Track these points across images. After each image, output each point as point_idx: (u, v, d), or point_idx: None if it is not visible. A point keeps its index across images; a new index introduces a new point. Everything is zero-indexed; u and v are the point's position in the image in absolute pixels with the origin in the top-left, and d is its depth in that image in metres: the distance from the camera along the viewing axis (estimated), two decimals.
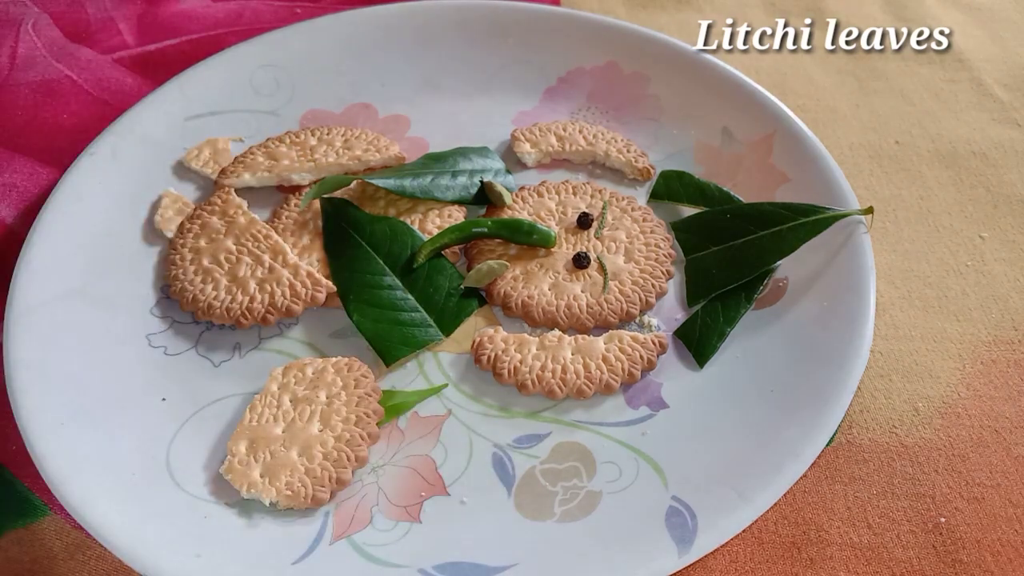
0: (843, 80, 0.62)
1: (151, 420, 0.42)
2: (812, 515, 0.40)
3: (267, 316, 0.44)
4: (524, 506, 0.39)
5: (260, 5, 0.67)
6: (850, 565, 0.39)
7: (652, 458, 0.40)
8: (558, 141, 0.53)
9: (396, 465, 0.41)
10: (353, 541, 0.38)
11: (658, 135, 0.55)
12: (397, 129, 0.56)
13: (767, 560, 0.39)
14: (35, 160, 0.55)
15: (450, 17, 0.59)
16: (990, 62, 0.63)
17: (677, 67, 0.56)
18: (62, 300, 0.45)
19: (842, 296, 0.44)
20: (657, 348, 0.44)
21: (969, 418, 0.44)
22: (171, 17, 0.65)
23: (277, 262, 0.46)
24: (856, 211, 0.46)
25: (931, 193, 0.54)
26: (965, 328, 0.47)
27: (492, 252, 0.48)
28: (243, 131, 0.55)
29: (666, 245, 0.48)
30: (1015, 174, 0.55)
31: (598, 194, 0.50)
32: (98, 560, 0.39)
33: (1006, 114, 0.59)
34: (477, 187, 0.50)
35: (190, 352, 0.45)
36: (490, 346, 0.44)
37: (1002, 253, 0.51)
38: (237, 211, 0.49)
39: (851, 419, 0.43)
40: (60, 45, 0.63)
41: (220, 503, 0.39)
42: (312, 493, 0.38)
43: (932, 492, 0.41)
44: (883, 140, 0.57)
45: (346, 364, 0.43)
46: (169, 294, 0.46)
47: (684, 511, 0.37)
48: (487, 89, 0.58)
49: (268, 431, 0.40)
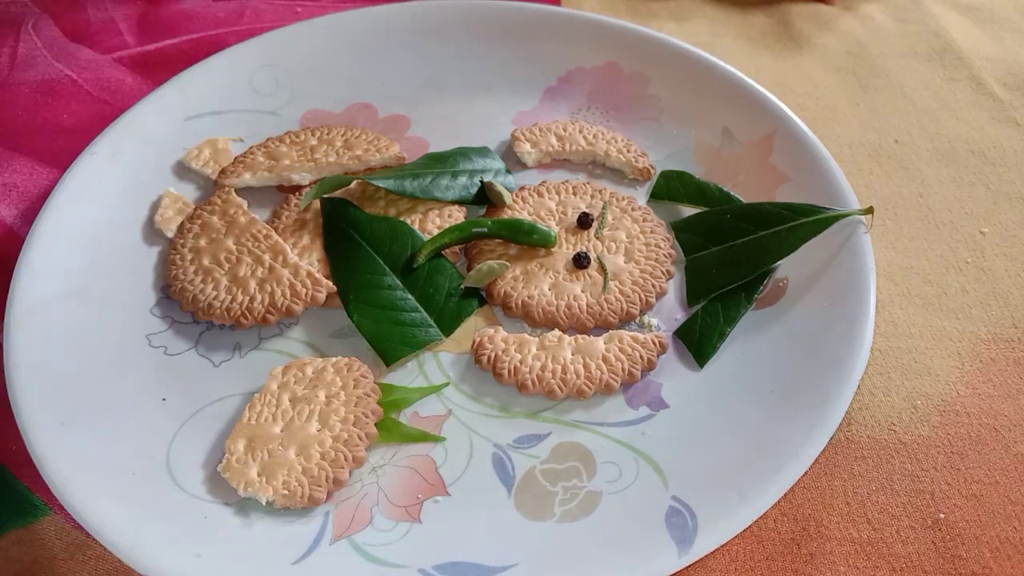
0: (843, 79, 0.62)
1: (151, 420, 0.42)
2: (812, 511, 0.40)
3: (267, 316, 0.44)
4: (524, 506, 0.39)
5: (260, 5, 0.67)
6: (850, 560, 0.39)
7: (652, 458, 0.40)
8: (558, 141, 0.53)
9: (396, 465, 0.41)
10: (353, 541, 0.38)
11: (658, 135, 0.55)
12: (397, 129, 0.56)
13: (767, 557, 0.39)
14: (35, 160, 0.55)
15: (450, 17, 0.59)
16: (989, 61, 0.63)
17: (677, 67, 0.56)
18: (62, 300, 0.45)
19: (842, 296, 0.44)
20: (657, 348, 0.44)
21: (968, 416, 0.44)
22: (171, 17, 0.65)
23: (277, 262, 0.46)
24: (856, 211, 0.46)
25: (931, 191, 0.54)
26: (964, 326, 0.47)
27: (492, 252, 0.48)
28: (243, 131, 0.55)
29: (666, 245, 0.48)
30: (1014, 172, 0.55)
31: (598, 194, 0.50)
32: (98, 560, 0.39)
33: (1005, 113, 0.59)
34: (477, 187, 0.50)
35: (190, 352, 0.45)
36: (490, 346, 0.44)
37: (1003, 248, 0.51)
38: (237, 211, 0.49)
39: (850, 416, 0.43)
40: (60, 45, 0.63)
41: (220, 503, 0.39)
42: (309, 493, 0.38)
43: (931, 489, 0.41)
44: (883, 139, 0.57)
45: (346, 364, 0.43)
46: (169, 294, 0.46)
47: (684, 511, 0.37)
48: (487, 89, 0.58)
49: (266, 430, 0.40)
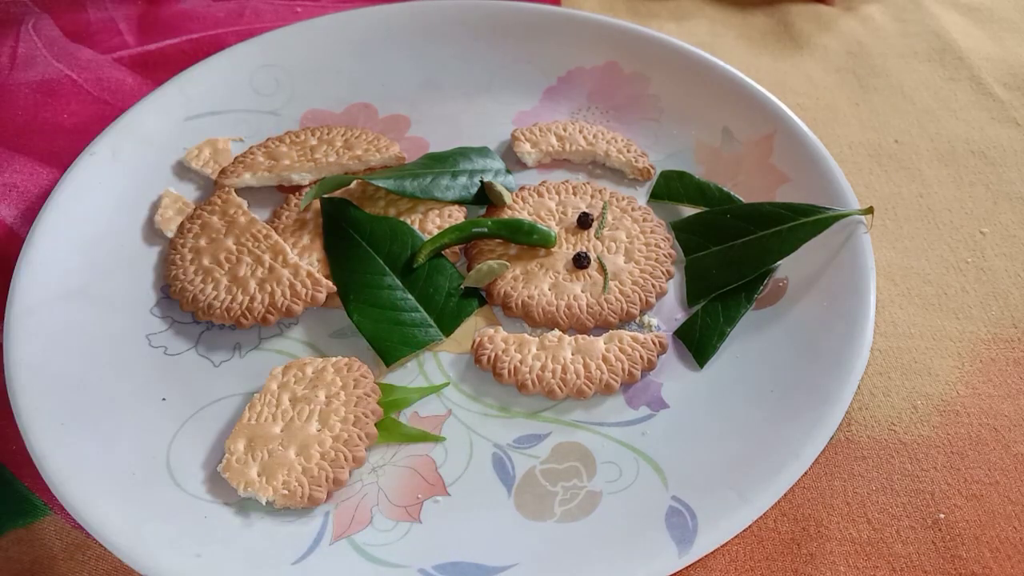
0: (843, 79, 0.62)
1: (151, 420, 0.42)
2: (812, 511, 0.40)
3: (267, 316, 0.44)
4: (524, 506, 0.39)
5: (260, 5, 0.67)
6: (850, 560, 0.39)
7: (652, 458, 0.40)
8: (558, 141, 0.53)
9: (396, 465, 0.41)
10: (353, 541, 0.38)
11: (658, 135, 0.55)
12: (397, 129, 0.56)
13: (767, 557, 0.39)
14: (35, 160, 0.55)
15: (450, 17, 0.59)
16: (989, 61, 0.63)
17: (677, 67, 0.56)
18: (62, 300, 0.45)
19: (842, 296, 0.44)
20: (657, 348, 0.44)
21: (968, 416, 0.44)
22: (171, 17, 0.65)
23: (277, 262, 0.46)
24: (856, 211, 0.46)
25: (931, 191, 0.54)
26: (964, 326, 0.47)
27: (492, 252, 0.48)
28: (243, 131, 0.55)
29: (666, 245, 0.48)
30: (1014, 172, 0.55)
31: (598, 194, 0.50)
32: (98, 560, 0.39)
33: (1005, 113, 0.59)
34: (477, 187, 0.50)
35: (190, 352, 0.45)
36: (490, 346, 0.44)
37: (1003, 248, 0.51)
38: (237, 211, 0.49)
39: (850, 416, 0.43)
40: (60, 45, 0.63)
41: (220, 503, 0.39)
42: (308, 492, 0.38)
43: (931, 489, 0.41)
44: (882, 139, 0.57)
45: (346, 364, 0.43)
46: (169, 294, 0.46)
47: (684, 511, 0.37)
48: (487, 89, 0.58)
49: (266, 430, 0.40)
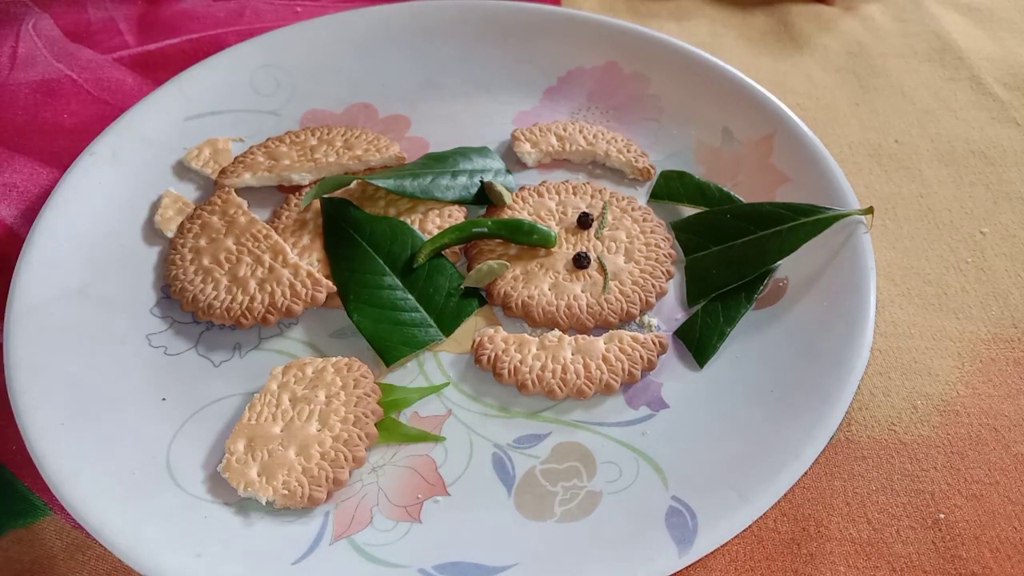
0: (842, 79, 0.62)
1: (151, 420, 0.42)
2: (811, 511, 0.40)
3: (267, 316, 0.44)
4: (524, 506, 0.39)
5: (260, 5, 0.67)
6: (850, 560, 0.39)
7: (652, 458, 0.40)
8: (558, 141, 0.53)
9: (396, 465, 0.41)
10: (353, 541, 0.38)
11: (658, 135, 0.55)
12: (397, 129, 0.56)
13: (767, 557, 0.39)
14: (35, 160, 0.55)
15: (450, 17, 0.59)
16: (989, 61, 0.62)
17: (677, 67, 0.56)
18: (62, 300, 0.45)
19: (842, 296, 0.44)
20: (657, 348, 0.44)
21: (968, 416, 0.44)
22: (171, 17, 0.65)
23: (277, 262, 0.46)
24: (856, 211, 0.46)
25: (931, 191, 0.54)
26: (964, 326, 0.47)
27: (492, 252, 0.48)
28: (243, 131, 0.55)
29: (666, 245, 0.48)
30: (1014, 172, 0.55)
31: (598, 194, 0.50)
32: (98, 560, 0.39)
33: (1005, 113, 0.59)
34: (477, 187, 0.50)
35: (190, 352, 0.45)
36: (490, 346, 0.44)
37: (1003, 248, 0.51)
38: (237, 211, 0.49)
39: (850, 416, 0.43)
40: (60, 45, 0.63)
41: (220, 503, 0.39)
42: (308, 493, 0.38)
43: (931, 489, 0.41)
44: (883, 139, 0.57)
45: (346, 364, 0.43)
46: (169, 294, 0.46)
47: (684, 511, 0.37)
48: (487, 89, 0.58)
49: (266, 430, 0.40)
